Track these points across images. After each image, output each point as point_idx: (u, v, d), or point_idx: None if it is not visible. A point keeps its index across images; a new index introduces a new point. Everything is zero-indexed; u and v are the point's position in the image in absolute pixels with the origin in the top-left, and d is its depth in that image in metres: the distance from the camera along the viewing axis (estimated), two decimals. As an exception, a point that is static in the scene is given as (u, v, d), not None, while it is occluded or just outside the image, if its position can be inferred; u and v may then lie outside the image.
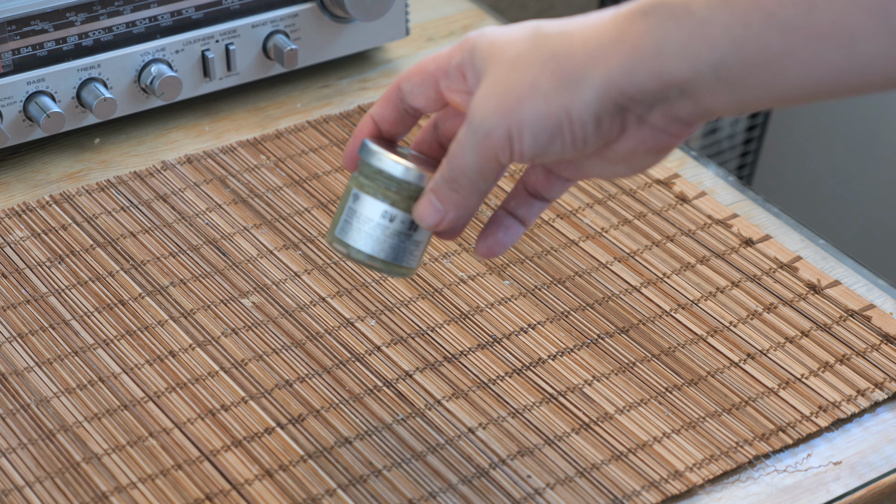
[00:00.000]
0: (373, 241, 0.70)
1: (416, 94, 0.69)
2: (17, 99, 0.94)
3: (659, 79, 0.61)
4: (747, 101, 0.61)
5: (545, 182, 0.71)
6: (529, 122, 0.63)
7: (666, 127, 0.63)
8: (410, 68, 0.70)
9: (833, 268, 0.91)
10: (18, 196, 0.95)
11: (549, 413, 0.80)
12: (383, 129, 0.71)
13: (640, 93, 0.61)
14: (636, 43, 0.61)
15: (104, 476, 0.75)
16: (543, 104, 0.63)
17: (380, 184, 0.69)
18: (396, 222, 0.69)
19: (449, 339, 0.84)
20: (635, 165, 0.66)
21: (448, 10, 1.15)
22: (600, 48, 0.62)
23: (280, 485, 0.75)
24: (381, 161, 0.69)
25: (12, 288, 0.86)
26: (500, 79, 0.64)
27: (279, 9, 1.01)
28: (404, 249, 0.70)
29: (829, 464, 0.78)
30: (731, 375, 0.82)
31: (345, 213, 0.70)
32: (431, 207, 0.68)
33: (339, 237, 0.70)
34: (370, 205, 0.69)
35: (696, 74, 0.60)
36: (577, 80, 0.62)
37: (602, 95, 0.62)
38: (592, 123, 0.62)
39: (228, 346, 0.83)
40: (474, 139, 0.65)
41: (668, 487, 0.76)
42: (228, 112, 1.03)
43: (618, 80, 0.61)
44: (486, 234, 0.71)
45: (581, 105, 0.62)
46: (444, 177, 0.67)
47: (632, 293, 0.88)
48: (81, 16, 0.94)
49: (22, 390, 0.80)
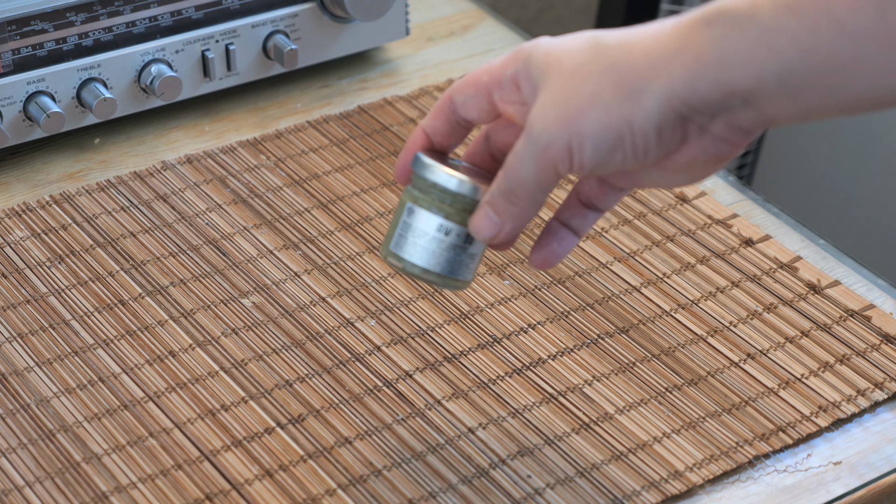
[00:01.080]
0: (428, 255, 0.69)
1: (469, 105, 0.69)
2: (17, 99, 0.94)
3: (722, 88, 0.60)
4: (812, 109, 0.61)
5: (599, 192, 0.70)
6: (590, 133, 0.62)
7: (727, 136, 0.63)
8: (463, 79, 0.69)
9: (833, 268, 0.91)
10: (18, 196, 0.95)
11: (549, 413, 0.80)
12: (435, 141, 0.71)
13: (702, 102, 0.61)
14: (699, 52, 0.60)
15: (104, 476, 0.75)
16: (605, 115, 0.62)
17: (434, 197, 0.69)
18: (452, 235, 0.69)
19: (449, 339, 0.84)
20: (694, 175, 0.66)
21: (448, 10, 1.15)
22: (662, 58, 0.61)
23: (280, 485, 0.75)
24: (435, 174, 0.68)
25: (12, 288, 0.86)
26: (559, 89, 0.63)
27: (279, 9, 1.01)
28: (460, 263, 0.70)
29: (829, 464, 0.78)
30: (731, 375, 0.82)
31: (399, 227, 0.70)
32: (488, 220, 0.67)
33: (393, 251, 0.70)
34: (425, 218, 0.69)
35: (760, 83, 0.60)
36: (638, 90, 0.62)
37: (664, 106, 0.61)
38: (654, 134, 0.62)
39: (228, 346, 0.83)
40: (533, 151, 0.64)
41: (668, 487, 0.76)
42: (228, 112, 1.03)
43: (680, 90, 0.61)
44: (540, 244, 0.71)
45: (643, 116, 0.62)
46: (501, 189, 0.66)
47: (632, 293, 0.88)
48: (81, 16, 0.94)
49: (22, 390, 0.80)
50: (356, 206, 0.94)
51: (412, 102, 1.04)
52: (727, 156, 0.64)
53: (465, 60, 1.09)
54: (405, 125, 1.02)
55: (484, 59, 1.09)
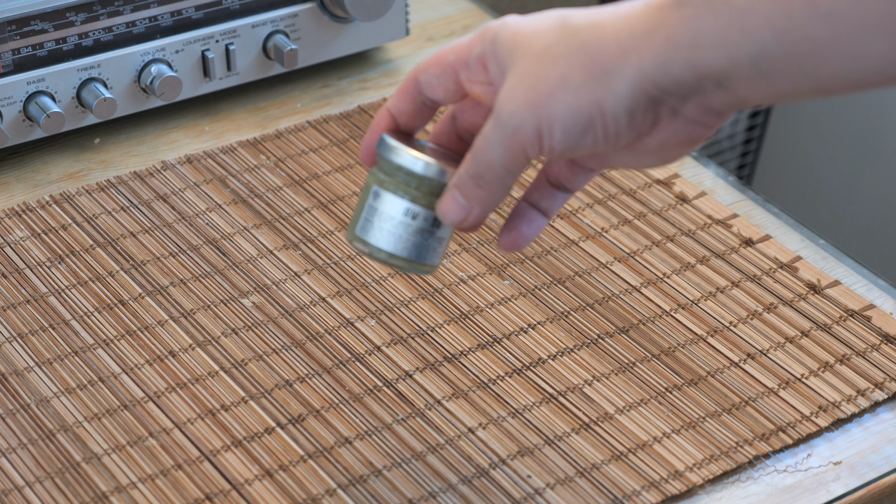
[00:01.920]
0: (395, 240, 0.68)
1: (435, 85, 0.68)
2: (17, 99, 0.94)
3: (695, 70, 0.59)
4: (785, 91, 0.60)
5: (568, 173, 0.69)
6: (560, 116, 0.61)
7: (699, 118, 0.62)
8: (428, 59, 0.68)
9: (833, 268, 0.91)
10: (18, 196, 0.95)
11: (549, 413, 0.80)
12: (401, 122, 0.70)
13: (674, 85, 0.60)
14: (671, 34, 0.59)
15: (104, 476, 0.75)
16: (574, 98, 0.61)
17: (400, 180, 0.67)
18: (419, 220, 0.68)
19: (449, 339, 0.84)
20: (665, 157, 0.65)
21: (448, 10, 1.15)
22: (633, 40, 0.60)
23: (280, 485, 0.75)
24: (400, 157, 0.67)
25: (12, 288, 0.86)
26: (527, 71, 0.62)
27: (279, 9, 1.01)
28: (427, 247, 0.69)
29: (829, 464, 0.78)
30: (731, 375, 0.82)
31: (365, 211, 0.69)
32: (455, 204, 0.66)
33: (359, 236, 0.69)
34: (391, 202, 0.68)
35: (733, 65, 0.59)
36: (609, 73, 0.61)
37: (635, 88, 0.60)
38: (625, 117, 0.61)
39: (228, 346, 0.83)
40: (502, 134, 0.63)
41: (668, 487, 0.76)
42: (228, 112, 1.03)
43: (652, 72, 0.60)
44: (509, 226, 0.70)
45: (614, 99, 0.61)
46: (469, 172, 0.65)
47: (632, 293, 0.88)
48: (81, 16, 0.94)
49: (22, 390, 0.80)
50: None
51: (412, 102, 1.04)
52: (699, 138, 0.63)
53: (465, 60, 1.09)
54: (405, 125, 1.02)
55: (484, 59, 1.09)
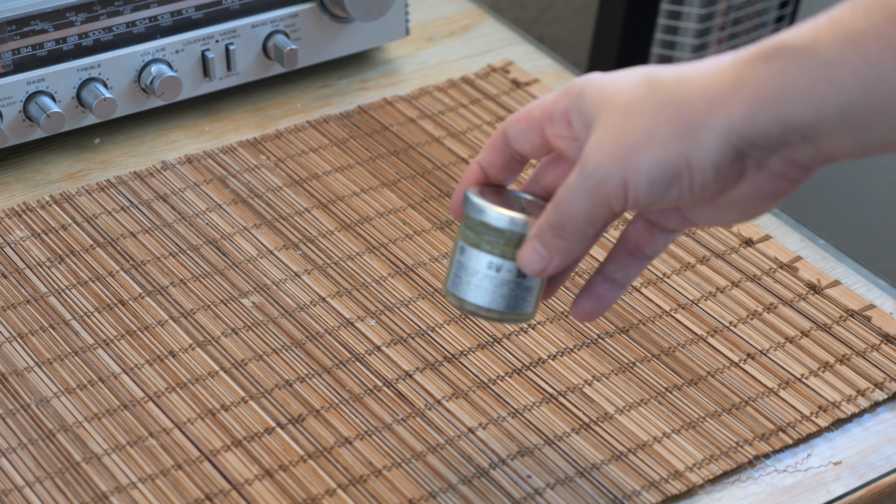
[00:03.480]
0: (482, 293, 0.69)
1: (522, 139, 0.69)
2: (17, 99, 0.94)
3: (782, 123, 0.60)
4: (873, 143, 0.60)
5: (647, 236, 0.70)
6: (646, 169, 0.62)
7: (784, 172, 0.62)
8: (517, 113, 0.69)
9: (833, 268, 0.91)
10: (18, 196, 0.95)
11: (549, 413, 0.80)
12: (490, 174, 0.71)
13: (761, 138, 0.60)
14: (758, 88, 0.60)
15: (104, 476, 0.75)
16: (661, 152, 0.62)
17: (483, 235, 0.69)
18: (503, 272, 0.69)
19: (449, 339, 0.84)
20: (748, 211, 0.65)
21: (448, 10, 1.15)
22: (720, 94, 0.61)
23: (280, 485, 0.75)
24: (482, 213, 0.68)
25: (12, 288, 0.86)
26: (614, 125, 0.63)
27: (279, 9, 1.01)
28: (516, 297, 0.70)
29: (829, 464, 0.78)
30: (731, 375, 0.82)
31: (454, 267, 0.70)
32: (536, 254, 0.67)
33: (451, 290, 0.71)
34: (475, 256, 0.69)
35: (821, 118, 0.59)
36: (696, 127, 0.61)
37: (723, 142, 0.61)
38: (712, 170, 0.62)
39: (228, 346, 0.83)
40: (587, 185, 0.64)
41: (668, 487, 0.76)
42: (228, 112, 1.03)
43: (739, 126, 0.60)
44: (583, 297, 0.71)
45: (701, 152, 0.61)
46: (550, 223, 0.66)
47: (632, 293, 0.88)
48: (81, 16, 0.94)
49: (22, 390, 0.80)
50: (356, 206, 0.94)
51: (412, 102, 1.04)
52: (783, 192, 0.63)
53: (465, 60, 1.09)
54: (405, 125, 1.02)
55: (484, 59, 1.09)
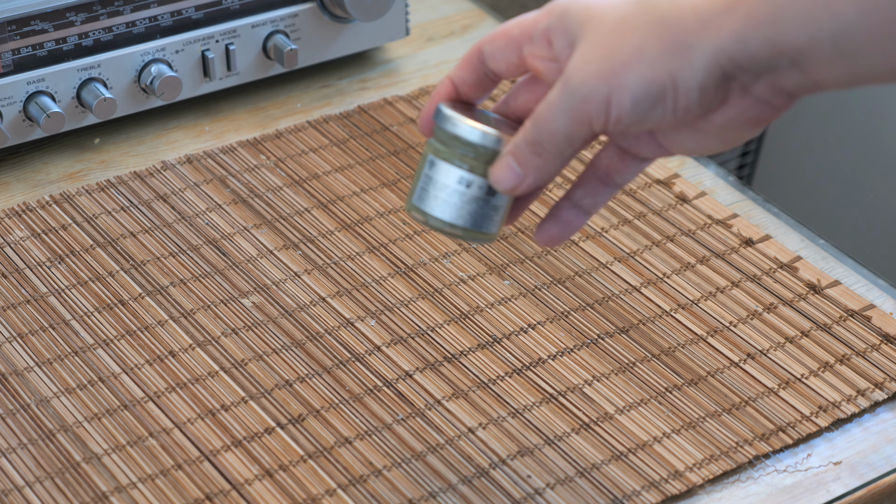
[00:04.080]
0: (450, 208, 0.68)
1: (498, 57, 0.67)
2: (17, 99, 0.94)
3: (773, 47, 0.59)
4: (861, 73, 0.59)
5: (619, 164, 0.68)
6: (632, 87, 0.61)
7: (769, 98, 0.62)
8: (494, 31, 0.67)
9: (833, 268, 0.91)
10: (18, 196, 0.95)
11: (549, 413, 0.80)
12: (462, 91, 0.69)
13: (750, 61, 0.59)
14: (752, 9, 0.59)
15: (104, 476, 0.75)
16: (648, 70, 0.61)
17: (455, 149, 0.67)
18: (473, 188, 0.67)
19: (449, 339, 0.84)
20: (728, 139, 0.64)
21: (448, 10, 1.15)
22: (712, 13, 0.60)
23: (280, 485, 0.75)
24: (455, 126, 0.67)
25: (12, 288, 0.86)
26: (601, 42, 0.62)
27: (279, 9, 1.01)
28: (483, 215, 0.68)
29: (829, 464, 0.78)
30: (731, 375, 0.82)
31: (421, 181, 0.68)
32: (510, 171, 0.65)
33: (416, 205, 0.69)
34: (445, 171, 0.67)
35: (812, 43, 0.58)
36: (685, 46, 0.60)
37: (711, 63, 0.60)
38: (697, 92, 0.61)
39: (228, 346, 0.83)
40: (570, 102, 0.62)
41: (668, 487, 0.76)
42: (228, 112, 1.03)
43: (729, 47, 0.59)
44: (548, 222, 0.69)
45: (689, 72, 0.60)
46: (528, 139, 0.65)
47: (632, 293, 0.88)
48: (81, 16, 0.94)
49: (22, 390, 0.80)
50: (356, 206, 0.94)
51: (412, 102, 1.04)
52: (765, 119, 0.63)
53: (465, 60, 1.09)
54: (405, 125, 1.02)
55: (484, 59, 1.09)
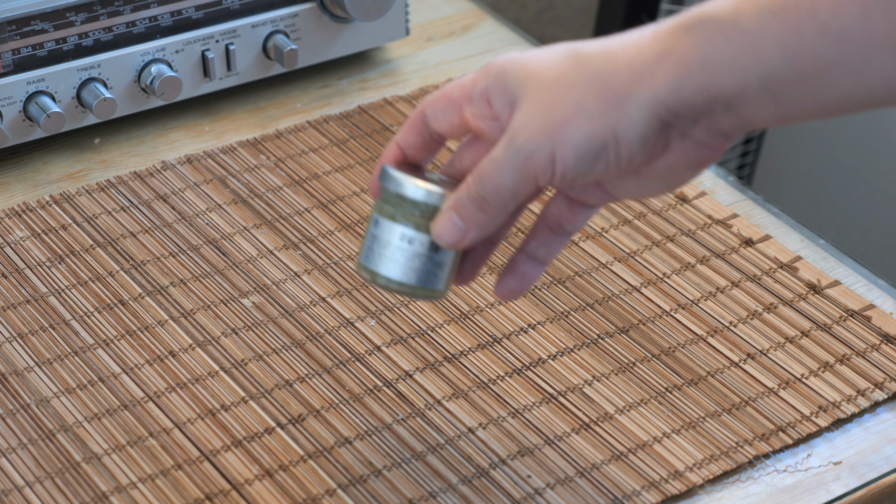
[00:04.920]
0: (394, 265, 0.69)
1: (440, 119, 0.69)
2: (17, 99, 0.94)
3: (706, 94, 0.61)
4: (792, 112, 0.61)
5: (569, 213, 0.70)
6: (575, 142, 0.63)
7: (707, 140, 0.63)
8: (435, 94, 0.69)
9: (833, 268, 0.91)
10: (18, 196, 0.95)
11: (549, 413, 0.80)
12: (409, 154, 0.70)
13: (686, 108, 0.61)
14: (682, 59, 0.61)
15: (104, 476, 0.75)
16: (589, 125, 0.62)
17: (398, 207, 0.68)
18: (416, 244, 0.68)
19: (449, 339, 0.84)
20: (672, 182, 0.66)
21: (448, 10, 1.15)
22: (644, 65, 0.61)
23: (280, 485, 0.75)
24: (399, 185, 0.68)
25: (12, 288, 0.86)
26: (542, 99, 0.64)
27: (279, 9, 1.01)
28: (428, 272, 0.69)
29: (829, 464, 0.78)
30: (731, 375, 0.82)
31: (367, 240, 0.70)
32: (452, 226, 0.67)
33: (363, 264, 0.70)
34: (388, 228, 0.68)
35: (743, 88, 0.60)
36: (622, 98, 0.62)
37: (648, 113, 0.62)
38: (638, 142, 0.62)
39: (228, 346, 0.83)
40: (515, 159, 0.64)
41: (668, 487, 0.76)
42: (228, 112, 1.03)
43: (664, 96, 0.61)
44: (506, 277, 0.71)
45: (628, 124, 0.62)
46: (471, 195, 0.66)
47: (632, 293, 0.88)
48: (81, 16, 0.94)
49: (22, 390, 0.80)
50: (356, 206, 0.94)
51: (412, 102, 1.04)
52: (706, 160, 0.64)
53: (465, 60, 1.09)
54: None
55: (484, 58, 1.09)
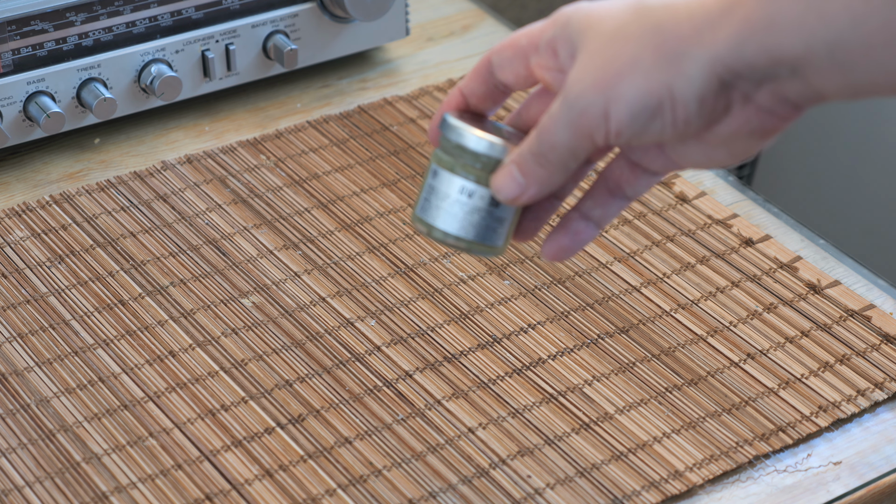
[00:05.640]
0: (452, 219, 0.66)
1: (506, 68, 0.66)
2: (17, 99, 0.94)
3: (769, 54, 0.57)
4: (862, 84, 0.57)
5: (630, 176, 0.66)
6: (628, 99, 0.60)
7: (773, 108, 0.60)
8: (503, 41, 0.66)
9: (833, 268, 0.91)
10: (18, 196, 0.95)
11: (549, 413, 0.80)
12: (472, 103, 0.68)
13: (747, 68, 0.58)
14: (747, 15, 0.57)
15: (104, 476, 0.75)
16: (644, 80, 0.59)
17: (460, 159, 0.65)
18: (476, 198, 0.65)
19: (449, 339, 0.84)
20: (737, 150, 0.62)
21: (448, 10, 1.15)
22: (707, 20, 0.58)
23: (280, 485, 0.75)
24: (460, 136, 0.65)
25: (12, 288, 0.86)
26: (598, 52, 0.61)
27: (279, 9, 1.01)
28: (487, 227, 0.66)
29: (829, 464, 0.78)
30: (731, 375, 0.82)
31: (424, 191, 0.67)
32: (512, 180, 0.64)
33: (419, 216, 0.67)
34: (447, 180, 0.66)
35: (809, 52, 0.56)
36: (681, 55, 0.59)
37: (707, 72, 0.58)
38: (696, 102, 0.59)
39: (228, 346, 0.83)
40: (569, 115, 0.61)
41: (668, 487, 0.76)
42: (228, 112, 1.03)
43: (725, 55, 0.58)
44: (557, 235, 0.67)
45: (684, 82, 0.59)
46: (532, 150, 0.63)
47: (632, 293, 0.88)
48: (81, 16, 0.94)
49: (22, 390, 0.80)
50: (356, 206, 0.94)
51: (412, 102, 1.04)
52: (773, 130, 0.61)
53: (465, 60, 1.09)
54: (405, 125, 1.02)
55: (484, 59, 1.09)
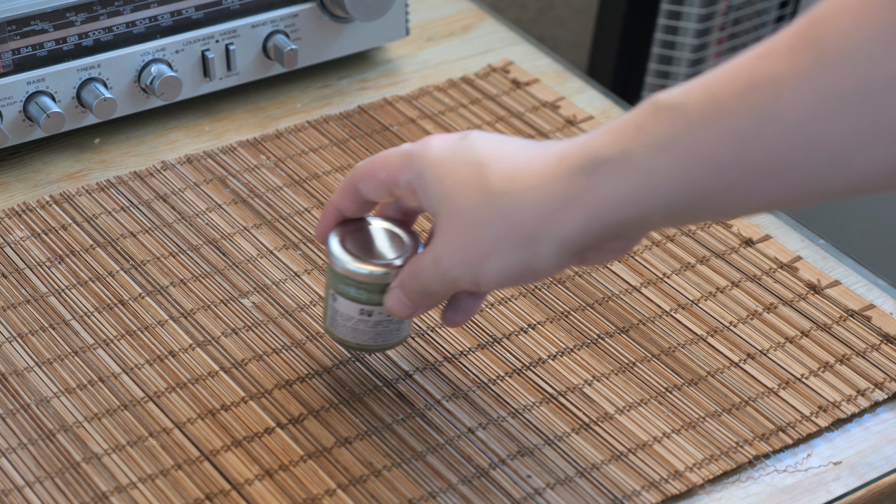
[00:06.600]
0: (361, 334, 0.76)
1: (371, 193, 0.74)
2: (17, 99, 0.94)
3: (613, 226, 0.65)
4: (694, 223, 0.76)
5: None
6: (495, 273, 0.69)
7: (621, 247, 0.71)
8: (363, 170, 0.74)
9: (833, 268, 0.91)
10: (18, 196, 0.95)
11: (549, 413, 0.80)
12: (347, 215, 0.76)
13: (595, 240, 0.66)
14: (585, 204, 0.65)
15: (104, 476, 0.75)
16: (505, 262, 0.68)
17: (350, 287, 0.75)
18: (374, 315, 0.75)
19: (449, 339, 0.84)
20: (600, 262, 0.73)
21: (448, 10, 1.15)
22: (548, 211, 0.66)
23: (280, 485, 0.75)
24: (346, 267, 0.74)
25: (12, 288, 0.86)
26: (460, 233, 0.69)
27: (279, 9, 1.01)
28: (391, 331, 0.77)
29: (829, 464, 0.78)
30: (731, 375, 0.82)
31: (329, 311, 0.77)
32: (401, 303, 0.74)
33: (331, 331, 0.77)
34: (346, 305, 0.75)
35: (646, 217, 0.65)
36: (533, 240, 0.67)
37: (560, 249, 0.67)
38: (555, 269, 0.68)
39: (228, 346, 0.83)
40: (442, 280, 0.71)
41: (668, 487, 0.76)
42: (228, 112, 1.03)
43: (573, 235, 0.66)
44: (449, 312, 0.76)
45: (541, 260, 0.68)
46: (413, 287, 0.73)
47: (632, 293, 0.88)
48: (81, 16, 0.94)
49: (22, 390, 0.80)
50: (356, 206, 0.94)
51: (412, 102, 1.04)
52: (627, 251, 0.71)
53: (465, 60, 1.09)
54: (405, 125, 1.02)
55: (484, 59, 1.09)
